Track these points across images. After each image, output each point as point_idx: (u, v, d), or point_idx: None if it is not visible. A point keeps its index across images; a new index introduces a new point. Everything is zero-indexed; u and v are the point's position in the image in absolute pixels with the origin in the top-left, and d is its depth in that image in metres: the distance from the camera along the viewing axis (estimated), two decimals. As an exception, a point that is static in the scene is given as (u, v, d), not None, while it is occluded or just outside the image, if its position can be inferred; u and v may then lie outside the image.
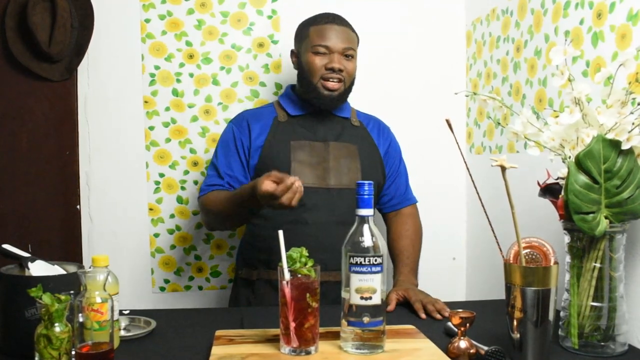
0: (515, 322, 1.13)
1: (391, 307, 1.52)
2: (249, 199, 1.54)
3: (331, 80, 1.73)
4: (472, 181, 1.24)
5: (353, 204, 1.62)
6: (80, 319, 1.05)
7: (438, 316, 1.45)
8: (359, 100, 2.29)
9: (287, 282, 1.14)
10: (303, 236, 1.62)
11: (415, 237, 1.85)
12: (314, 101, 1.77)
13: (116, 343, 1.19)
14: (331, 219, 1.70)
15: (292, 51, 1.86)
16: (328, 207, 1.71)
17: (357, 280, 1.14)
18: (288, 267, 1.15)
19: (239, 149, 1.77)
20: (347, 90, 1.78)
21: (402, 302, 1.56)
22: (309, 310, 1.13)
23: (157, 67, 2.17)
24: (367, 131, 1.87)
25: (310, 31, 1.75)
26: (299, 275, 1.14)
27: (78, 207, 2.18)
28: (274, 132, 1.78)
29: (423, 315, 1.47)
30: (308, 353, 1.14)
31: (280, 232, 1.19)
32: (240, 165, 1.77)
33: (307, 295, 1.13)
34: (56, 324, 1.03)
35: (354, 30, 1.80)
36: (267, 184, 1.41)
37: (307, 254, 1.17)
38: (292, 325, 1.13)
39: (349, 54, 1.74)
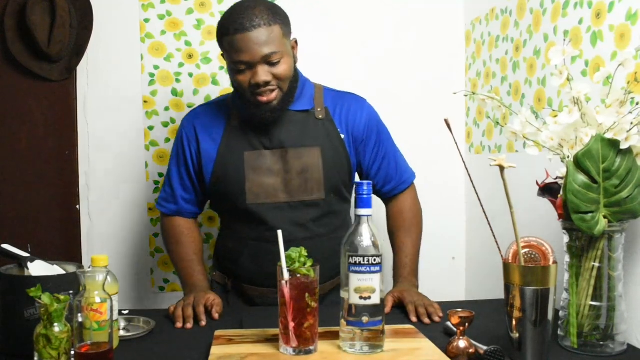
0: (514, 322, 1.13)
1: (387, 309, 1.45)
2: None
3: (262, 94, 1.49)
4: (471, 181, 1.24)
5: (318, 215, 1.54)
6: (80, 319, 1.05)
7: (427, 320, 1.39)
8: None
9: (286, 282, 1.14)
10: (269, 253, 1.54)
11: (414, 228, 1.71)
12: (254, 117, 1.56)
13: (115, 343, 1.19)
14: (296, 235, 1.57)
15: (222, 54, 1.58)
16: (291, 222, 1.57)
17: (356, 280, 1.14)
18: (287, 267, 1.15)
19: (189, 164, 1.65)
20: (288, 93, 1.54)
21: (397, 304, 1.51)
22: (308, 310, 1.14)
23: (156, 67, 2.17)
24: (333, 122, 1.62)
25: (224, 44, 1.50)
26: (298, 275, 1.14)
27: (77, 206, 2.18)
28: (226, 141, 1.60)
29: (413, 319, 1.40)
30: (307, 353, 1.14)
31: (280, 232, 1.19)
32: (192, 184, 1.66)
33: (307, 295, 1.13)
34: (55, 324, 1.03)
35: (275, 20, 1.48)
36: (177, 315, 1.42)
37: (306, 254, 1.17)
38: (292, 325, 1.13)
39: (273, 60, 1.46)
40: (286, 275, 1.14)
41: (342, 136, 1.62)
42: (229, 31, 1.46)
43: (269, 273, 1.57)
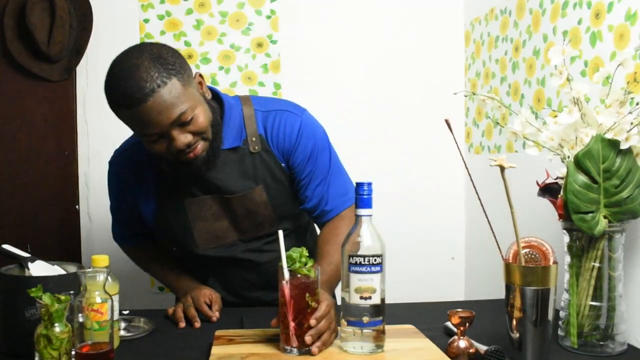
0: (514, 322, 1.13)
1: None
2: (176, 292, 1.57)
3: (187, 154, 1.29)
4: (471, 181, 1.24)
5: (274, 239, 1.35)
6: (80, 319, 1.05)
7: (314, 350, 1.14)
8: (357, 101, 2.30)
9: (287, 282, 1.14)
10: (237, 278, 1.53)
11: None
12: (183, 174, 1.37)
13: (116, 343, 1.19)
14: (257, 260, 1.50)
15: None
16: (249, 251, 1.49)
17: (357, 280, 1.14)
18: (288, 267, 1.15)
19: (128, 212, 1.54)
20: (215, 136, 1.34)
21: None
22: (308, 310, 1.14)
23: (156, 67, 2.16)
24: (271, 152, 1.43)
25: (120, 116, 1.29)
26: (299, 275, 1.14)
27: (77, 207, 2.18)
28: (162, 190, 1.45)
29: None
30: (308, 353, 1.14)
31: (280, 232, 1.19)
32: (139, 224, 1.55)
33: (307, 295, 1.14)
34: (56, 324, 1.03)
35: (168, 74, 1.22)
36: (179, 316, 1.40)
37: (307, 254, 1.17)
38: (292, 325, 1.13)
39: (186, 119, 1.24)
40: (287, 276, 1.14)
41: (283, 165, 1.45)
42: (121, 106, 1.24)
43: (240, 294, 1.56)
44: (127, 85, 1.21)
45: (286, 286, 1.14)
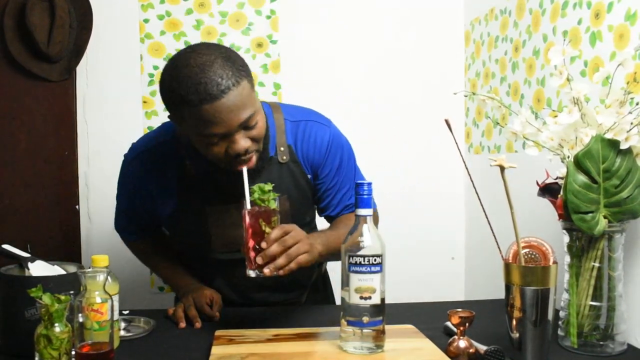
0: (514, 322, 1.13)
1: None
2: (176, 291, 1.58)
3: (242, 162, 1.26)
4: (471, 181, 1.24)
5: None
6: (80, 319, 1.05)
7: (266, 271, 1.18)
8: (357, 101, 2.30)
9: (246, 211, 1.21)
10: (246, 278, 1.46)
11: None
12: (210, 180, 1.38)
13: (116, 343, 1.19)
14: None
15: (169, 115, 1.29)
16: None
17: (357, 280, 1.14)
18: (250, 199, 1.22)
19: (142, 212, 1.50)
20: (264, 148, 1.34)
21: None
22: (264, 236, 1.20)
23: (155, 67, 2.17)
24: (299, 164, 1.43)
25: (185, 115, 1.20)
26: (258, 206, 1.21)
27: (77, 207, 2.18)
28: (183, 194, 1.42)
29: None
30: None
31: (244, 169, 1.24)
32: (149, 220, 1.52)
33: (260, 220, 1.20)
34: (56, 324, 1.03)
35: (240, 74, 1.20)
36: (179, 316, 1.40)
37: (269, 189, 1.22)
38: (250, 247, 1.19)
39: (251, 124, 1.23)
40: (248, 205, 1.22)
41: (309, 176, 1.45)
42: (192, 102, 1.16)
43: (246, 295, 1.55)
44: (201, 80, 1.16)
45: (246, 214, 1.21)
